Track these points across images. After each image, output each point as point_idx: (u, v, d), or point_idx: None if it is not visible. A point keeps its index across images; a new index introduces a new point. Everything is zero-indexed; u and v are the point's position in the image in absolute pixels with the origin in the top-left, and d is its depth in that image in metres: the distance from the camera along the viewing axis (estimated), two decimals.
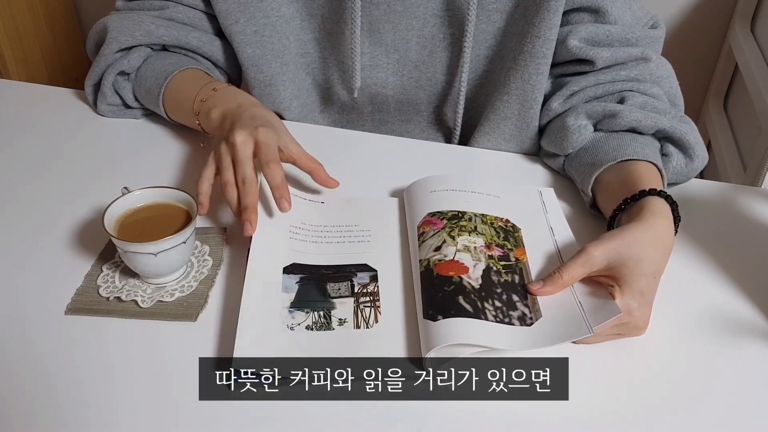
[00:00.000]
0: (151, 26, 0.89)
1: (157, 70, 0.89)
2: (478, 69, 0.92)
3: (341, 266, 0.71)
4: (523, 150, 0.93)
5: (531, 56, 0.85)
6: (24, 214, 0.79)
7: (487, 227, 0.73)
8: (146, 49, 0.92)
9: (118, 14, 0.92)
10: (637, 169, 0.76)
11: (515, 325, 0.63)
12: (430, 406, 0.59)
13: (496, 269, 0.68)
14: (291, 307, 0.66)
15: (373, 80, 0.94)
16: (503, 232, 0.73)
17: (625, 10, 0.84)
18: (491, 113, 0.92)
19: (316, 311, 0.66)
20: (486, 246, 0.70)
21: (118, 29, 0.89)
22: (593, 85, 0.85)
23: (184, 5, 0.91)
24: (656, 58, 0.85)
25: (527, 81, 0.87)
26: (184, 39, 0.91)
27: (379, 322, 0.65)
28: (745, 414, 0.60)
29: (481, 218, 0.74)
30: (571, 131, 0.83)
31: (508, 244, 0.71)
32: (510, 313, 0.64)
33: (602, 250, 0.64)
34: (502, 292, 0.66)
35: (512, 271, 0.68)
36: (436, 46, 0.91)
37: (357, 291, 0.68)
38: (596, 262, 0.64)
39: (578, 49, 0.83)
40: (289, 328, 0.64)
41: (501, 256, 0.70)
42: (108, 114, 0.95)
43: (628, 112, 0.80)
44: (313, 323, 0.64)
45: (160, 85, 0.88)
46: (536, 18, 0.84)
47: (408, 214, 0.77)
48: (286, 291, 0.67)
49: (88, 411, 0.58)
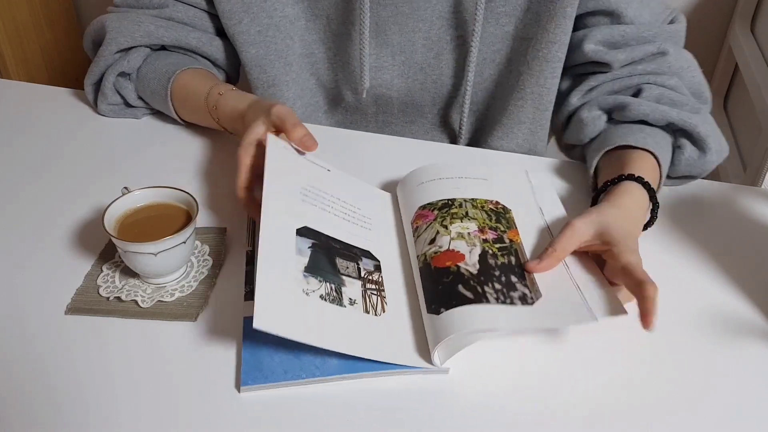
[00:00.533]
0: (150, 27, 0.89)
1: (158, 71, 0.89)
2: (483, 72, 0.92)
3: (348, 245, 0.70)
4: (534, 153, 0.94)
5: (546, 61, 0.87)
6: (24, 214, 0.79)
7: (478, 211, 0.73)
8: (145, 49, 0.92)
9: (116, 13, 0.92)
10: (632, 156, 0.78)
11: (517, 305, 0.63)
12: (431, 406, 0.59)
13: (492, 252, 0.68)
14: (305, 272, 0.64)
15: (378, 81, 0.94)
16: (494, 215, 0.74)
17: (643, 9, 0.85)
18: (504, 117, 0.93)
19: (329, 282, 0.65)
20: (479, 230, 0.71)
21: (117, 30, 0.89)
22: (611, 80, 0.86)
23: (184, 3, 0.91)
24: (674, 50, 0.84)
25: (542, 85, 0.89)
26: (184, 40, 0.91)
27: (386, 312, 0.65)
28: (745, 414, 0.60)
29: (471, 203, 0.74)
30: (585, 123, 0.85)
31: (500, 226, 0.72)
32: (511, 294, 0.64)
33: (584, 221, 0.68)
34: (500, 275, 0.66)
35: (508, 253, 0.69)
36: (442, 49, 0.91)
37: (363, 276, 0.68)
38: (582, 232, 0.68)
39: (594, 52, 0.84)
40: (304, 293, 0.62)
41: (495, 239, 0.70)
42: (109, 113, 0.95)
43: (637, 105, 0.81)
44: (326, 294, 0.63)
45: (165, 86, 0.88)
46: (551, 24, 0.85)
47: (402, 211, 0.77)
48: (300, 254, 0.65)
49: (88, 411, 0.58)
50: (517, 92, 0.91)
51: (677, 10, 0.88)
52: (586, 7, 0.85)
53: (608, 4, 0.84)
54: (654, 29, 0.84)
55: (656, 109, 0.80)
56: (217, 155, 0.89)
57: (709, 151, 0.81)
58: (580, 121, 0.86)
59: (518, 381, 0.62)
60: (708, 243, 0.78)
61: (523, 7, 0.87)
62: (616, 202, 0.72)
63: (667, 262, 0.75)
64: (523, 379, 0.62)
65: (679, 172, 0.83)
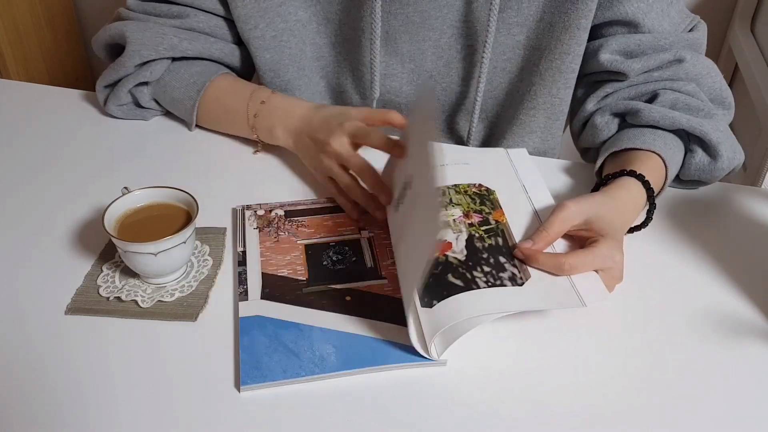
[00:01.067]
0: (174, 40, 0.88)
1: (184, 80, 0.89)
2: (493, 81, 0.92)
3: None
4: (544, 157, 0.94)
5: (560, 72, 0.88)
6: (24, 214, 0.79)
7: (461, 196, 0.74)
8: (167, 61, 0.90)
9: (136, 22, 0.89)
10: (637, 156, 0.78)
11: (507, 286, 0.64)
12: (430, 400, 0.59)
13: (478, 236, 0.69)
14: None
15: (387, 88, 0.94)
16: (478, 198, 0.74)
17: (663, 18, 0.84)
18: (516, 126, 0.93)
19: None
20: (464, 215, 0.72)
21: (140, 41, 0.87)
22: (626, 87, 0.86)
23: (204, 12, 0.89)
24: (692, 57, 0.84)
25: (555, 95, 0.90)
26: (207, 52, 0.90)
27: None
28: (745, 414, 0.60)
29: (455, 189, 0.75)
30: (599, 128, 0.86)
31: (485, 209, 0.73)
32: (500, 275, 0.65)
33: (577, 206, 0.69)
34: (488, 257, 0.67)
35: (495, 234, 0.70)
36: (452, 57, 0.91)
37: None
38: (574, 216, 0.68)
39: (610, 62, 0.85)
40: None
41: (481, 221, 0.71)
42: (117, 113, 0.94)
43: (648, 111, 0.81)
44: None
45: (193, 97, 0.88)
46: (565, 35, 0.85)
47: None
48: None
49: (88, 411, 0.58)
50: (529, 102, 0.91)
51: (698, 18, 0.88)
52: (603, 17, 0.85)
53: (626, 14, 0.83)
54: (671, 38, 0.84)
55: (666, 115, 0.80)
56: (218, 155, 0.89)
57: (720, 158, 0.80)
58: (594, 126, 0.86)
59: (516, 374, 0.62)
60: (708, 243, 0.78)
61: (536, 17, 0.86)
62: (611, 193, 0.73)
63: (666, 261, 0.75)
64: (520, 372, 0.62)
65: (689, 176, 0.83)
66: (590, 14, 0.83)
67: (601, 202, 0.70)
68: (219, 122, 0.91)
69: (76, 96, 1.01)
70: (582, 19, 0.84)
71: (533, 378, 0.62)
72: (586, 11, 0.83)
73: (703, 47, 0.87)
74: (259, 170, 0.87)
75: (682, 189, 0.86)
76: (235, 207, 0.79)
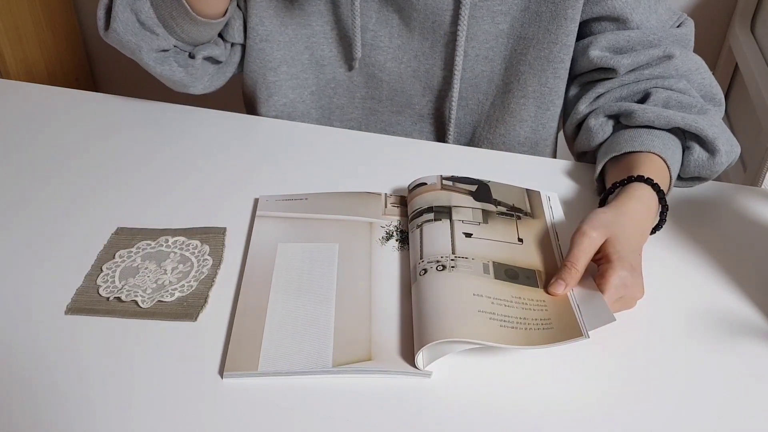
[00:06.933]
0: None
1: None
2: (475, 68, 0.92)
3: None
4: (538, 149, 0.94)
5: (548, 61, 0.88)
6: (24, 214, 0.79)
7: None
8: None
9: None
10: (639, 159, 0.77)
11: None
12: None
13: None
14: None
15: (372, 60, 0.94)
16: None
17: (650, 15, 0.85)
18: (507, 115, 0.93)
19: None
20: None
21: None
22: (618, 87, 0.86)
23: None
24: (681, 53, 0.84)
25: (544, 84, 0.90)
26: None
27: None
28: (744, 414, 0.60)
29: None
30: (593, 131, 0.85)
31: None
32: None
33: (595, 229, 0.66)
34: None
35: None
36: (436, 41, 0.91)
37: None
38: (595, 241, 0.65)
39: (599, 58, 0.85)
40: None
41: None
42: (122, 33, 0.86)
43: (642, 111, 0.80)
44: None
45: None
46: (552, 25, 0.85)
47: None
48: None
49: (88, 411, 0.58)
50: (519, 90, 0.91)
51: (685, 14, 0.88)
52: (591, 13, 0.85)
53: (614, 9, 0.84)
54: (660, 33, 0.84)
55: (661, 114, 0.80)
56: (218, 155, 0.89)
57: (718, 153, 0.80)
58: (588, 129, 0.86)
59: (504, 382, 0.62)
60: (708, 243, 0.78)
61: (520, 7, 0.87)
62: (623, 207, 0.70)
63: (666, 261, 0.75)
64: (510, 380, 0.62)
65: (689, 173, 0.83)
66: (577, 4, 0.84)
67: (616, 222, 0.67)
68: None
69: (76, 96, 1.01)
70: (569, 9, 0.84)
71: (532, 378, 0.62)
72: (573, 1, 0.84)
73: (691, 43, 0.88)
74: (260, 170, 0.87)
75: (681, 187, 0.86)
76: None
